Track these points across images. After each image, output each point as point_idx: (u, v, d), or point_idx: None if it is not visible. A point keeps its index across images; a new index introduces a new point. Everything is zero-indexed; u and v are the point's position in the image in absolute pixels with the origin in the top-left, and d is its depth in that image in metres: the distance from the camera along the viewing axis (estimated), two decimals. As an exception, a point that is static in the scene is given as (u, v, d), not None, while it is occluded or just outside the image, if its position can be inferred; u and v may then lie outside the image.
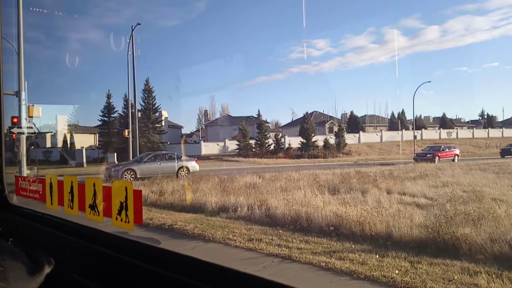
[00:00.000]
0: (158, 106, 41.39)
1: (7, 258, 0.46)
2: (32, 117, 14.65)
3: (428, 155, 29.40)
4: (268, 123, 53.59)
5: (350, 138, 47.41)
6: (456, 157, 31.91)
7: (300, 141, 43.36)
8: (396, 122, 53.63)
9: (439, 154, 30.24)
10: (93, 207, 1.02)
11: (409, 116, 58.05)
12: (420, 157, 29.17)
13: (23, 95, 14.20)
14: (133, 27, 28.14)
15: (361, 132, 51.49)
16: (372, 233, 6.78)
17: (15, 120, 13.91)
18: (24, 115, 14.37)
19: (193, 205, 10.38)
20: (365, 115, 60.09)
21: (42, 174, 19.68)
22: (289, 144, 43.81)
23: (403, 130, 52.05)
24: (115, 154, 33.14)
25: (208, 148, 42.90)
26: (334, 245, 6.41)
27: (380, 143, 49.51)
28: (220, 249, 6.46)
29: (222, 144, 43.94)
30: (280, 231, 7.38)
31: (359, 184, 12.41)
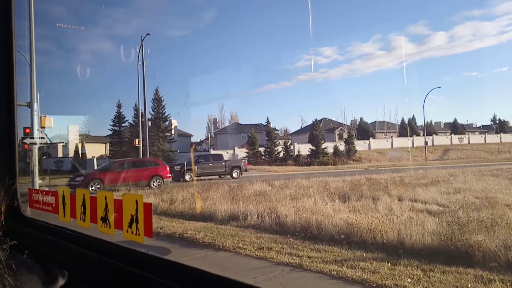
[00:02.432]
0: (168, 115, 41.75)
1: (23, 271, 0.47)
2: (44, 127, 14.88)
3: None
4: (277, 130, 53.58)
5: (360, 145, 47.14)
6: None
7: (310, 148, 43.25)
8: (407, 128, 53.24)
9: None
10: (104, 219, 1.04)
11: (419, 122, 57.63)
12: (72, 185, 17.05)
13: (35, 106, 14.43)
14: (142, 38, 28.55)
15: (371, 138, 51.19)
16: (384, 241, 6.71)
17: (27, 130, 14.14)
18: (36, 125, 14.60)
19: (203, 213, 10.40)
20: (375, 121, 59.77)
21: (54, 183, 19.92)
22: (299, 151, 43.73)
23: (414, 136, 51.62)
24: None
25: (218, 156, 42.96)
26: (345, 253, 6.35)
27: (390, 149, 49.13)
28: (231, 258, 6.45)
29: (231, 152, 44.03)
30: (291, 239, 7.34)
31: (369, 191, 12.32)
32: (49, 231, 1.13)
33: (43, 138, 14.93)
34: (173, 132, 44.06)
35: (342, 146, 45.19)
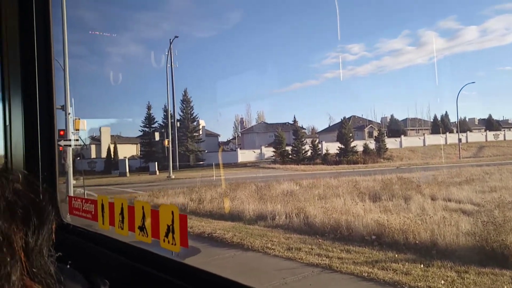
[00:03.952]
0: (196, 115, 42.33)
1: (68, 281, 0.49)
2: (78, 130, 15.39)
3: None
4: (304, 129, 53.17)
5: (391, 143, 46.09)
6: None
7: (338, 147, 42.67)
8: (439, 125, 51.64)
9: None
10: (142, 228, 1.07)
11: (453, 118, 55.69)
12: None
13: (69, 109, 14.95)
14: (171, 40, 29.05)
15: (402, 136, 49.96)
16: (416, 241, 6.56)
17: (61, 133, 14.66)
18: (70, 128, 15.12)
19: (231, 213, 10.48)
20: (406, 118, 58.20)
21: (87, 184, 20.57)
22: (327, 150, 43.25)
23: (447, 133, 50.02)
24: (156, 163, 34.11)
25: (245, 155, 43.18)
26: (376, 254, 6.25)
27: (423, 147, 47.81)
28: (259, 258, 6.47)
29: (258, 151, 44.10)
30: (320, 240, 7.29)
31: (401, 191, 12.04)
32: (89, 237, 1.17)
33: (77, 140, 15.45)
34: (201, 132, 44.61)
35: (372, 144, 44.34)
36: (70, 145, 14.36)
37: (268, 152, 43.00)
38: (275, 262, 6.21)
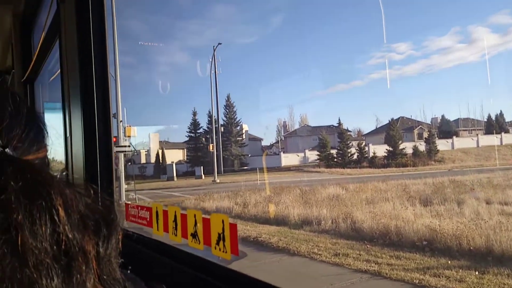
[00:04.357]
0: (239, 120, 42.87)
1: (130, 286, 0.51)
2: (129, 136, 16.12)
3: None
4: (350, 131, 52.04)
5: (442, 144, 43.99)
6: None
7: (386, 149, 41.36)
8: (493, 125, 48.66)
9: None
10: (194, 235, 1.11)
11: (508, 117, 52.22)
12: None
13: (121, 116, 15.70)
14: (214, 47, 29.69)
15: (454, 137, 47.56)
16: (470, 247, 6.24)
17: (114, 139, 15.41)
18: (122, 135, 15.86)
19: (276, 217, 10.48)
20: (458, 118, 55.32)
21: (138, 188, 21.42)
22: (374, 153, 42.06)
23: (502, 133, 47.02)
24: (202, 167, 34.89)
25: (288, 159, 43.03)
26: (428, 261, 6.01)
27: (476, 148, 45.28)
28: (306, 264, 6.42)
29: (302, 155, 43.78)
30: (368, 245, 7.11)
31: (454, 194, 11.47)
32: (145, 243, 1.23)
33: (129, 146, 16.16)
34: (244, 137, 45.08)
35: (422, 146, 42.57)
36: (123, 152, 15.07)
37: (312, 155, 42.54)
38: (322, 267, 6.13)
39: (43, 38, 2.36)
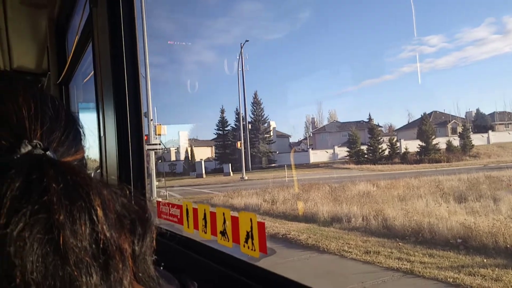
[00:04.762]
0: (266, 117, 42.89)
1: (163, 282, 0.53)
2: (159, 135, 16.46)
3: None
4: (381, 127, 50.98)
5: (477, 139, 42.37)
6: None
7: (419, 145, 40.25)
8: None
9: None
10: (223, 233, 1.13)
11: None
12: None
13: (151, 115, 16.05)
14: (242, 44, 29.81)
15: (490, 131, 45.71)
16: (507, 245, 6.00)
17: (145, 138, 15.78)
18: (152, 133, 16.21)
19: (305, 214, 10.43)
20: (494, 112, 53.13)
21: (168, 185, 21.84)
22: (406, 149, 41.02)
23: (542, 127, 44.73)
24: (230, 164, 35.17)
25: (317, 156, 42.65)
26: (462, 259, 5.82)
27: (513, 142, 43.34)
28: (336, 261, 6.36)
29: (331, 151, 43.30)
30: (400, 243, 6.97)
31: (490, 191, 11.04)
32: (176, 241, 1.26)
33: (159, 144, 16.51)
34: (271, 134, 45.05)
35: (456, 141, 41.18)
36: (154, 149, 15.42)
37: (342, 152, 41.98)
38: (353, 265, 6.06)
39: (77, 41, 2.45)
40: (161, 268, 0.65)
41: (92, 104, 3.56)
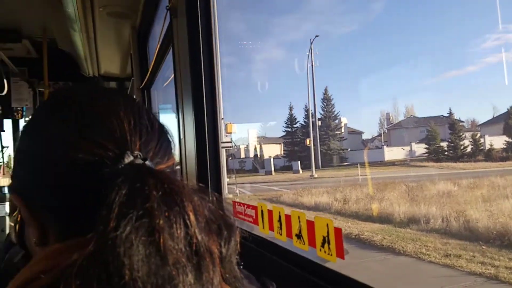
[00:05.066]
0: (337, 113, 41.98)
1: (245, 282, 0.56)
2: (230, 133, 16.94)
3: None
4: (463, 122, 47.32)
5: None
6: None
7: (505, 141, 36.70)
8: None
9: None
10: (299, 236, 1.15)
11: None
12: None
13: (222, 114, 16.58)
14: (311, 40, 29.50)
15: None
16: None
17: (217, 136, 16.38)
18: (223, 131, 16.72)
19: (379, 214, 10.07)
20: None
21: (239, 182, 22.38)
22: (491, 145, 37.55)
23: None
24: (299, 162, 35.06)
25: (392, 153, 40.75)
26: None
27: None
28: (413, 264, 6.09)
29: (407, 148, 41.12)
30: (483, 247, 6.45)
31: None
32: (254, 242, 1.30)
33: (230, 142, 16.98)
34: (343, 130, 44.00)
35: (550, 137, 36.90)
36: (226, 147, 15.92)
37: (419, 149, 39.62)
38: (431, 268, 5.75)
39: (158, 49, 2.62)
40: (241, 267, 0.69)
41: (170, 105, 3.79)
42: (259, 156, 43.28)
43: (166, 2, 2.05)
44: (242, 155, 48.53)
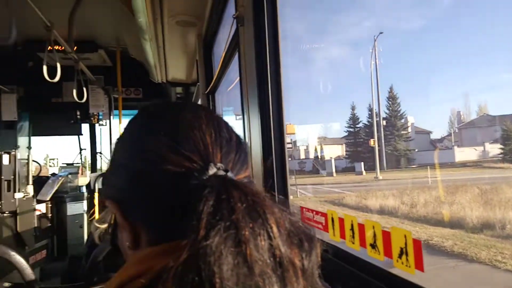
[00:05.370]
0: (403, 112, 40.16)
1: None
2: (290, 134, 16.91)
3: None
4: (544, 119, 43.06)
5: None
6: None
7: None
8: None
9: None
10: (373, 246, 1.12)
11: None
12: None
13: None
14: (375, 37, 28.54)
15: None
16: None
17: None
18: (284, 132, 16.73)
19: (450, 219, 9.49)
20: None
21: (299, 183, 22.20)
22: None
23: None
24: (362, 163, 34.05)
25: (463, 153, 38.03)
26: None
27: None
28: (487, 272, 5.68)
29: (480, 148, 38.20)
30: None
31: None
32: (329, 251, 1.28)
33: (290, 143, 16.97)
34: (409, 130, 41.97)
35: None
36: (288, 148, 15.93)
37: (494, 149, 36.69)
38: (508, 277, 5.32)
39: (224, 55, 2.70)
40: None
41: (232, 108, 3.88)
42: (319, 157, 42.70)
43: (232, 11, 2.11)
44: (302, 156, 48.11)
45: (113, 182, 0.70)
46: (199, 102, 5.51)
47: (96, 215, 4.93)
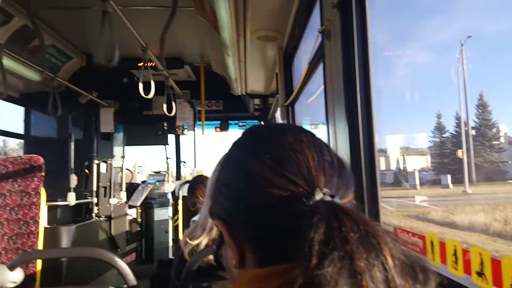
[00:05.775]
0: (495, 121, 36.63)
1: None
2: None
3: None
4: None
5: None
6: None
7: None
8: None
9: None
10: (480, 274, 1.03)
11: None
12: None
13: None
14: (462, 41, 26.58)
15: None
16: None
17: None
18: (374, 145, 16.17)
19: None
20: None
21: (382, 195, 21.16)
22: None
23: None
24: (449, 176, 31.58)
25: None
26: None
27: None
28: None
29: None
30: None
31: None
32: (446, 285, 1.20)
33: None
34: (502, 140, 38.05)
35: None
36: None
37: None
38: None
39: (307, 68, 2.70)
40: None
41: (310, 119, 3.85)
42: (402, 168, 40.54)
43: (317, 25, 2.11)
44: (382, 167, 45.94)
45: (220, 202, 0.71)
46: (278, 113, 5.57)
47: (180, 222, 5.19)
